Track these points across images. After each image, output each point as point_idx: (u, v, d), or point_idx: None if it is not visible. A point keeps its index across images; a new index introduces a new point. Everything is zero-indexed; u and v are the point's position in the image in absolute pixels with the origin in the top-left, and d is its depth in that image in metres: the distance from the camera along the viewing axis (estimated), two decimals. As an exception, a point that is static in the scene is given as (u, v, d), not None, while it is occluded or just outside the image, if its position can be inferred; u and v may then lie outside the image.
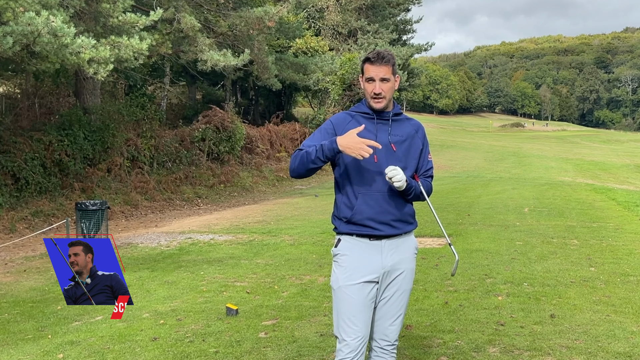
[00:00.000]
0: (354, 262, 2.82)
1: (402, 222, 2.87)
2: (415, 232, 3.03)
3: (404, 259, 2.89)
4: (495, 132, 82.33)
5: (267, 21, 14.97)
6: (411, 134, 2.93)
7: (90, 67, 9.35)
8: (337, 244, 2.90)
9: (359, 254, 2.82)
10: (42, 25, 8.11)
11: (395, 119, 2.92)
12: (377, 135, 2.83)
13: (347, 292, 2.79)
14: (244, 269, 7.46)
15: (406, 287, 2.92)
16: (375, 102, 2.84)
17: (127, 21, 10.19)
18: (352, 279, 2.80)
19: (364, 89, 2.89)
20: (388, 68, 2.81)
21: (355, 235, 2.84)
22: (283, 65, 21.84)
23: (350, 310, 2.78)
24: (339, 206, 2.90)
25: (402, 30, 40.36)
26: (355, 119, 2.89)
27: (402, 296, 2.91)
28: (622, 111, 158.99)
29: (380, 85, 2.81)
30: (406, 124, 2.95)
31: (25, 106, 15.47)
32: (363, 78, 2.89)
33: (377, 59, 2.81)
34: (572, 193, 16.91)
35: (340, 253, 2.87)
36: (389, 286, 2.87)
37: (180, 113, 25.36)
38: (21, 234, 11.56)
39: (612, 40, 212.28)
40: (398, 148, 2.85)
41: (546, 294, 5.61)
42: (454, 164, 33.96)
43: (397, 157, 2.84)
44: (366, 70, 2.85)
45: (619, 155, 44.98)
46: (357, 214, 2.80)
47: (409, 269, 2.92)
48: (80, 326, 5.17)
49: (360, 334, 2.77)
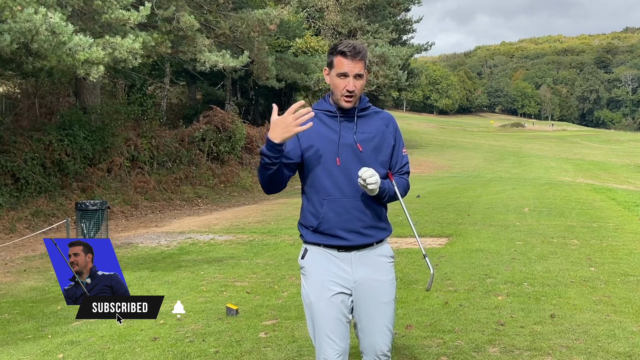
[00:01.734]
0: (322, 275, 2.61)
1: (374, 229, 2.63)
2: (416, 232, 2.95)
3: (378, 270, 2.66)
4: (495, 132, 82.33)
5: (269, 24, 14.95)
6: (381, 129, 2.67)
7: (82, 68, 9.31)
8: (304, 254, 2.68)
9: (327, 267, 2.61)
10: (41, 22, 8.08)
11: (361, 115, 2.65)
12: (341, 135, 2.58)
13: (320, 308, 2.59)
14: (244, 268, 7.46)
15: (387, 299, 2.67)
16: (346, 102, 2.57)
17: (120, 18, 10.12)
18: (323, 293, 2.59)
19: (333, 85, 2.60)
20: (362, 63, 2.54)
21: (323, 246, 2.62)
22: (283, 65, 21.83)
23: (326, 326, 2.58)
24: (305, 214, 2.67)
25: (402, 30, 40.34)
26: (318, 118, 2.60)
27: (384, 308, 2.66)
28: (622, 111, 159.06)
29: (354, 82, 2.54)
30: (375, 119, 2.68)
31: (25, 106, 15.47)
32: (331, 72, 2.59)
33: (354, 53, 2.52)
34: (572, 193, 16.91)
35: (306, 265, 2.66)
36: (365, 300, 2.65)
37: (180, 113, 25.35)
38: (21, 234, 11.56)
39: (612, 40, 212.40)
40: (365, 147, 2.59)
41: (546, 294, 5.61)
42: (454, 164, 33.96)
43: (364, 157, 2.58)
44: (338, 63, 2.54)
45: (619, 155, 44.99)
46: (323, 223, 2.58)
47: (385, 280, 2.67)
48: (80, 326, 5.17)
49: (339, 348, 2.58)
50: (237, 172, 20.80)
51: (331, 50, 2.61)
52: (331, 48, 2.62)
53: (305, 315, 2.73)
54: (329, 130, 2.60)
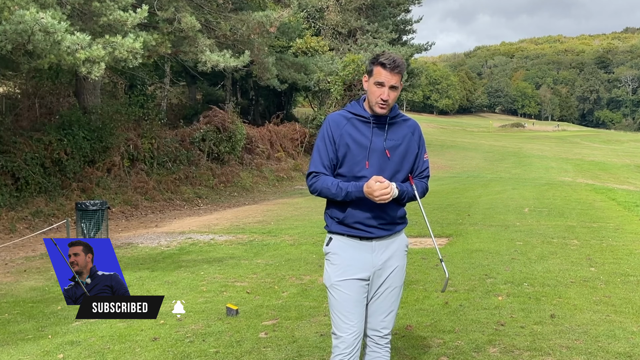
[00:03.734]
0: (345, 260, 2.87)
1: (392, 224, 2.91)
2: (416, 232, 3.06)
3: (395, 257, 2.94)
4: (496, 132, 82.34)
5: (269, 27, 14.94)
6: (407, 136, 2.91)
7: (83, 66, 9.31)
8: (329, 242, 2.94)
9: (351, 253, 2.87)
10: (33, 23, 8.06)
11: (391, 122, 2.88)
12: (372, 140, 2.83)
13: (340, 289, 2.85)
14: (244, 269, 7.46)
15: (397, 283, 2.96)
16: (380, 108, 2.80)
17: (118, 19, 10.12)
18: (344, 276, 2.85)
19: (370, 91, 2.83)
20: (399, 77, 2.78)
21: (346, 235, 2.88)
22: (283, 65, 21.83)
23: (344, 307, 2.83)
24: (332, 206, 2.93)
25: (402, 30, 40.34)
26: (351, 123, 2.86)
27: (393, 292, 2.95)
28: (622, 111, 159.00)
29: (389, 92, 2.77)
30: (403, 126, 2.92)
31: (25, 106, 15.46)
32: (370, 79, 2.82)
33: (393, 67, 2.74)
34: (572, 193, 16.91)
35: (331, 252, 2.92)
36: (380, 282, 2.91)
37: (180, 113, 25.34)
38: (21, 234, 11.56)
39: (612, 40, 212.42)
40: (392, 154, 2.85)
41: (546, 294, 5.61)
42: (454, 164, 33.96)
43: (391, 163, 2.85)
44: (377, 73, 2.77)
45: (619, 156, 45.01)
46: (348, 217, 2.85)
47: (400, 266, 2.97)
48: (80, 326, 5.16)
49: (355, 329, 2.83)
50: (237, 173, 20.79)
51: (373, 60, 2.83)
52: (373, 57, 2.85)
53: (307, 316, 2.78)
54: (361, 136, 2.83)
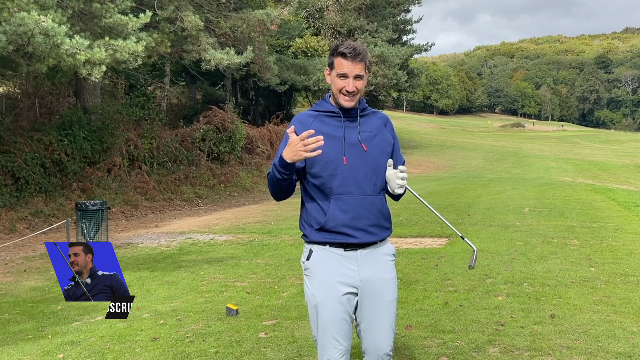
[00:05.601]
0: (329, 276, 2.61)
1: (378, 228, 2.67)
2: (416, 232, 3.02)
3: (382, 269, 2.70)
4: (496, 132, 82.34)
5: (269, 25, 14.96)
6: (380, 127, 2.74)
7: (84, 68, 9.33)
8: (309, 256, 2.67)
9: (334, 267, 2.62)
10: (34, 26, 8.08)
11: (362, 115, 2.71)
12: (346, 136, 2.64)
13: (327, 309, 2.60)
14: (244, 269, 7.46)
15: (390, 297, 2.70)
16: (347, 101, 2.62)
17: (119, 22, 10.15)
18: (330, 294, 2.60)
19: (333, 84, 2.65)
20: (363, 64, 2.61)
21: (329, 245, 2.63)
22: (283, 67, 21.84)
23: (332, 328, 2.60)
24: (309, 213, 2.67)
25: (402, 30, 40.34)
26: (319, 119, 2.67)
27: (387, 307, 2.69)
28: (622, 111, 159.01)
29: (354, 82, 2.60)
30: (373, 118, 2.76)
31: (25, 106, 15.47)
32: (332, 72, 2.65)
33: (354, 55, 2.57)
34: (572, 193, 16.91)
35: (311, 267, 2.65)
36: (370, 298, 2.66)
37: (180, 113, 25.36)
38: (21, 234, 11.56)
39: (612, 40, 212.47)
40: (369, 146, 2.65)
41: (546, 294, 5.61)
42: (454, 164, 33.96)
43: (369, 156, 2.65)
44: (338, 64, 2.60)
45: (619, 156, 45.02)
46: (330, 220, 2.59)
47: (390, 279, 2.71)
48: (80, 326, 5.17)
49: (344, 349, 2.62)
50: (237, 173, 20.80)
51: (332, 52, 2.66)
52: (332, 49, 2.67)
53: (307, 316, 2.72)
54: (333, 131, 2.64)
